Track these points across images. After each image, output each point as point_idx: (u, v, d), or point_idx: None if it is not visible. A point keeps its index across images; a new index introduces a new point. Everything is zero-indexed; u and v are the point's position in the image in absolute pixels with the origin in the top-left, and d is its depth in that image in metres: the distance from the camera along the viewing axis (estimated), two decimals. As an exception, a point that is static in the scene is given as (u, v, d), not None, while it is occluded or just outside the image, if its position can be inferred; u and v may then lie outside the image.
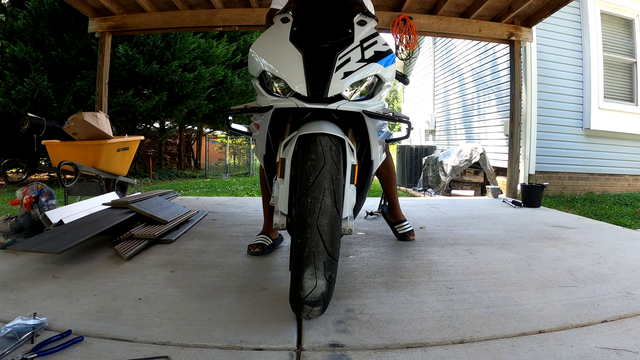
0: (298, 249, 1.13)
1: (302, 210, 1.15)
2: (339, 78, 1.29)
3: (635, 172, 5.80)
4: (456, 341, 1.08)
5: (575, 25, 5.44)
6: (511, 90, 4.15)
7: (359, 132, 1.45)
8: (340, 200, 1.21)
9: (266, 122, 1.41)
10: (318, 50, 1.31)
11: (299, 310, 1.14)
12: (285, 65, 1.33)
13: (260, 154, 1.52)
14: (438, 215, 2.99)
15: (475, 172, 5.69)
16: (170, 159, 12.31)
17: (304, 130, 1.29)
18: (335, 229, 1.16)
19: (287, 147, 1.32)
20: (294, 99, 1.30)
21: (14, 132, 6.79)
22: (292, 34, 1.37)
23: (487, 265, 1.75)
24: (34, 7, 7.02)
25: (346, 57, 1.32)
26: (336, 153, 1.24)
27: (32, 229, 2.09)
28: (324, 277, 1.11)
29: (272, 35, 1.44)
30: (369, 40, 1.39)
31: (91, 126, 2.90)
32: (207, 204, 3.52)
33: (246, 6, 3.92)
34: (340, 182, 1.22)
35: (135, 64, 7.51)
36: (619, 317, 1.23)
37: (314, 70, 1.29)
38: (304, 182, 1.18)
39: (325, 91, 1.27)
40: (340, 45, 1.33)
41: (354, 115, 1.38)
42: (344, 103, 1.31)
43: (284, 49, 1.35)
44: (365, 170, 1.51)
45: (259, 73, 1.40)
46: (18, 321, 1.09)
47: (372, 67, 1.35)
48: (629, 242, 2.20)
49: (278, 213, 1.30)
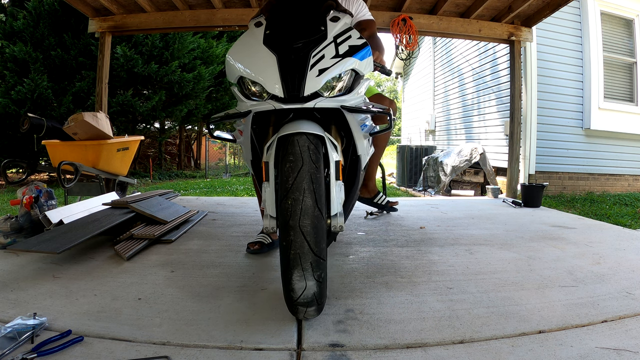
0: (284, 252, 1.13)
1: (284, 213, 1.14)
2: (314, 76, 1.28)
3: (635, 172, 5.80)
4: (456, 341, 1.08)
5: (575, 25, 5.44)
6: (511, 90, 4.15)
7: (342, 128, 1.44)
8: (322, 199, 1.19)
9: (247, 127, 1.41)
10: (292, 50, 1.30)
11: (295, 312, 1.14)
12: (261, 68, 1.32)
13: (247, 159, 1.53)
14: (438, 215, 2.99)
15: (475, 172, 5.69)
16: (170, 159, 12.31)
17: (283, 131, 1.28)
18: (319, 229, 1.15)
19: (269, 150, 1.31)
20: (272, 102, 1.30)
21: (14, 132, 6.78)
22: (265, 37, 1.36)
23: (487, 265, 1.75)
24: (33, 7, 7.02)
25: (320, 54, 1.31)
26: (314, 152, 1.22)
27: (32, 229, 2.09)
28: (313, 277, 1.11)
29: (246, 40, 1.43)
30: (343, 36, 1.37)
31: (91, 126, 2.90)
32: (207, 204, 3.52)
33: (246, 6, 3.92)
34: (320, 181, 1.20)
35: (134, 64, 7.51)
36: (619, 317, 1.22)
37: (289, 70, 1.28)
38: (284, 184, 1.17)
39: (302, 90, 1.27)
40: (313, 44, 1.32)
41: (335, 112, 1.38)
42: (321, 100, 1.30)
43: (259, 53, 1.35)
44: (354, 166, 1.50)
45: (237, 79, 1.40)
46: (18, 321, 1.09)
47: (348, 62, 1.34)
48: (629, 242, 2.20)
49: (267, 217, 1.28)
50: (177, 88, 8.34)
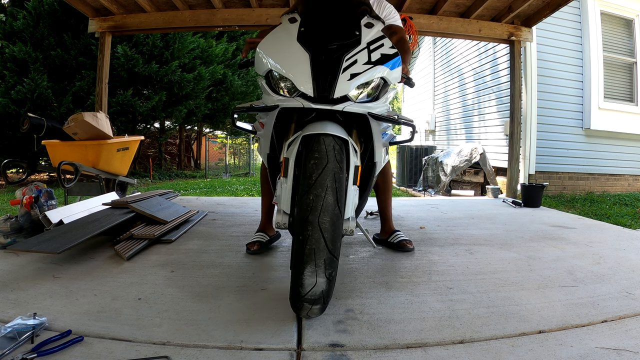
0: (299, 247, 1.13)
1: (304, 208, 1.15)
2: (345, 79, 1.30)
3: (635, 172, 5.80)
4: (456, 341, 1.08)
5: (575, 25, 5.43)
6: (511, 90, 4.15)
7: (362, 133, 1.46)
8: (343, 199, 1.21)
9: (271, 121, 1.41)
10: (325, 51, 1.32)
11: (299, 309, 1.14)
12: (292, 65, 1.33)
13: (264, 152, 1.53)
14: (438, 215, 2.99)
15: (475, 172, 5.69)
16: (170, 159, 12.31)
17: (308, 130, 1.29)
18: (337, 227, 1.17)
19: (291, 147, 1.33)
20: (300, 99, 1.31)
21: (14, 132, 6.78)
22: (300, 34, 1.37)
23: (487, 265, 1.75)
24: (33, 7, 7.02)
25: (353, 58, 1.33)
26: (339, 152, 1.25)
27: (32, 229, 2.09)
28: (324, 274, 1.12)
29: (279, 35, 1.44)
30: (376, 43, 1.39)
31: (91, 126, 2.90)
32: (207, 204, 3.52)
33: (246, 6, 3.92)
34: (342, 181, 1.22)
35: (134, 64, 7.51)
36: (619, 317, 1.22)
37: (321, 71, 1.29)
38: (307, 180, 1.19)
39: (332, 92, 1.28)
40: (347, 47, 1.34)
41: (359, 117, 1.39)
42: (350, 104, 1.32)
43: (291, 49, 1.36)
44: (368, 171, 1.52)
45: (266, 72, 1.40)
46: (18, 321, 1.09)
47: (379, 69, 1.36)
48: (629, 242, 2.20)
49: (280, 212, 1.30)
50: (177, 88, 8.34)
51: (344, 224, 1.26)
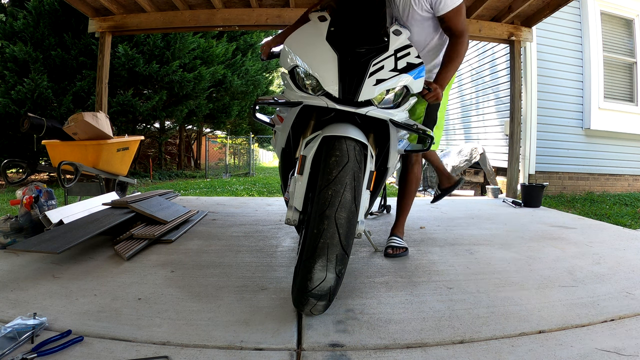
0: (313, 240, 1.14)
1: (322, 202, 1.16)
2: (371, 84, 1.31)
3: (635, 172, 5.80)
4: (456, 341, 1.08)
5: (575, 25, 5.43)
6: (511, 90, 4.15)
7: (379, 138, 1.47)
8: (359, 197, 1.22)
9: (292, 117, 1.42)
10: (353, 53, 1.33)
11: (303, 304, 1.14)
12: (320, 64, 1.34)
13: (279, 146, 1.53)
14: (438, 215, 2.99)
15: (475, 172, 5.69)
16: (170, 159, 12.32)
17: (329, 131, 1.30)
18: (352, 225, 1.18)
19: (310, 145, 1.33)
20: (325, 99, 1.32)
21: (14, 132, 6.78)
22: (329, 33, 1.39)
23: (487, 265, 1.75)
24: (34, 7, 7.02)
25: (380, 64, 1.34)
26: (359, 154, 1.26)
27: (32, 229, 2.09)
28: (334, 270, 1.12)
29: (308, 32, 1.45)
30: (403, 51, 1.41)
31: (91, 126, 2.90)
32: (207, 204, 3.52)
33: (246, 6, 3.92)
34: (361, 181, 1.24)
35: (135, 64, 7.51)
36: (619, 317, 1.23)
37: (348, 72, 1.31)
38: (327, 175, 1.20)
39: (357, 95, 1.29)
40: (375, 52, 1.36)
41: (379, 122, 1.40)
42: (373, 109, 1.33)
43: (320, 48, 1.37)
44: (379, 176, 1.53)
45: (291, 67, 1.41)
46: (18, 321, 1.09)
47: (403, 77, 1.37)
48: (629, 242, 2.20)
49: (292, 208, 1.31)
50: (177, 88, 8.35)
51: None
